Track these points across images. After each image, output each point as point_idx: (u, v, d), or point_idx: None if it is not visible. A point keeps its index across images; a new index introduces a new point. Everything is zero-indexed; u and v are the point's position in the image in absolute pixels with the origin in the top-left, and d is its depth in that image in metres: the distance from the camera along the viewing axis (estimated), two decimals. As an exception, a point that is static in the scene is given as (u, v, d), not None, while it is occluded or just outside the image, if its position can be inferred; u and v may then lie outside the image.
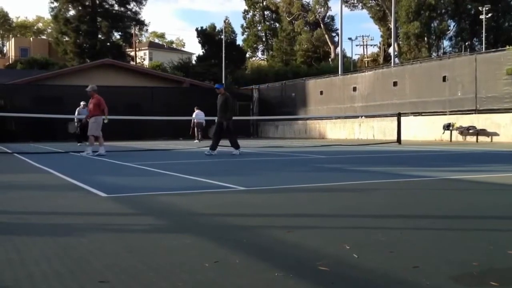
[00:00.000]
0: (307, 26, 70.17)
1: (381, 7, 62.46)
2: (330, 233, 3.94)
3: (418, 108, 25.89)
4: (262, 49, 79.39)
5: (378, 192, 6.37)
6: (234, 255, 3.22)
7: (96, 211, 5.14)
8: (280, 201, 5.71)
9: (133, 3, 61.25)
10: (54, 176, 8.80)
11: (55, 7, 59.04)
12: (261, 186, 7.06)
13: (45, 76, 37.06)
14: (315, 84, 33.67)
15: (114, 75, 36.69)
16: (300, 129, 33.78)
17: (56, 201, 5.92)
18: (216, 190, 6.59)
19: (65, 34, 58.73)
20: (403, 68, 29.74)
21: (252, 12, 76.82)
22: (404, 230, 4.01)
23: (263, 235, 3.89)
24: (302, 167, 10.50)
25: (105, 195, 6.11)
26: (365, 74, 31.15)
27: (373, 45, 74.38)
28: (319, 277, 2.78)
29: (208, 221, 4.55)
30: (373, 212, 4.92)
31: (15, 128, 29.42)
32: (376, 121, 27.91)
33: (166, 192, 6.40)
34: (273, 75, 50.37)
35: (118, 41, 61.64)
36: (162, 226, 4.38)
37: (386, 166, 10.60)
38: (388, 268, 2.92)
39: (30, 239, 3.83)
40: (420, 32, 56.41)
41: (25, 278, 2.82)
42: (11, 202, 5.89)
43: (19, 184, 7.88)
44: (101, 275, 2.82)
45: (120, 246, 3.53)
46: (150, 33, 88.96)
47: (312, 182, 7.53)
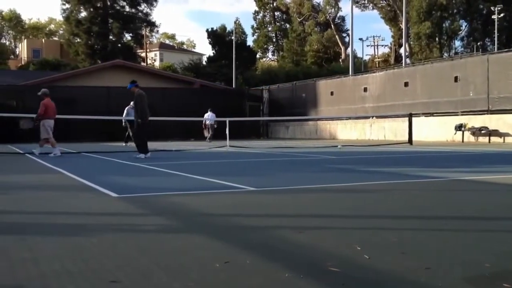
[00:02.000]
0: (318, 26, 70.05)
1: (392, 7, 62.22)
2: (341, 234, 3.92)
3: (429, 109, 25.76)
4: (273, 49, 79.41)
5: (389, 193, 6.34)
6: (245, 256, 3.22)
7: (107, 211, 5.16)
8: (291, 202, 5.70)
9: (144, 5, 61.53)
10: (66, 177, 8.84)
11: (67, 8, 59.47)
12: (271, 186, 7.06)
13: (57, 77, 37.27)
14: (325, 85, 33.59)
15: (125, 76, 36.76)
16: (311, 130, 33.72)
17: (68, 201, 5.95)
18: (226, 191, 6.59)
19: (76, 36, 59.09)
20: (414, 68, 29.61)
21: (262, 13, 76.88)
22: (416, 231, 3.98)
23: (274, 236, 3.88)
24: (313, 168, 10.48)
25: (116, 196, 6.13)
26: (376, 74, 31.04)
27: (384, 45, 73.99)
28: (329, 278, 2.77)
29: (219, 221, 4.56)
30: (384, 213, 4.90)
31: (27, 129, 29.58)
32: (387, 121, 27.80)
33: (177, 193, 6.41)
34: (284, 75, 50.33)
35: (129, 42, 61.92)
36: (173, 226, 4.38)
37: (397, 167, 10.56)
38: (399, 269, 2.91)
39: (42, 238, 3.85)
40: (431, 32, 56.14)
41: (37, 277, 2.84)
42: (23, 202, 5.93)
43: (31, 184, 7.93)
44: (112, 275, 2.83)
45: (131, 246, 3.54)
46: (161, 34, 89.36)
47: (323, 182, 7.51)
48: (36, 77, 37.51)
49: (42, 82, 34.83)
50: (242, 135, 30.92)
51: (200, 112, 28.10)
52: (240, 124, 31.38)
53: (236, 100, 37.17)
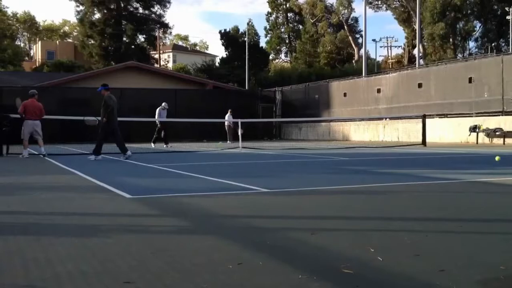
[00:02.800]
0: (331, 27, 69.88)
1: (405, 8, 61.91)
2: (354, 236, 3.91)
3: (443, 110, 25.60)
4: (286, 51, 79.31)
5: (403, 195, 6.31)
6: (258, 257, 3.22)
7: (121, 212, 5.18)
8: (304, 203, 5.69)
9: (157, 6, 61.81)
10: (80, 178, 8.90)
11: (81, 10, 59.94)
12: (284, 188, 7.05)
13: (71, 78, 37.54)
14: (338, 86, 33.51)
15: (139, 77, 37.01)
16: (324, 131, 33.65)
17: (82, 202, 5.99)
18: (239, 192, 6.59)
19: (90, 37, 59.51)
20: (428, 69, 29.43)
21: (275, 14, 76.79)
22: (429, 233, 3.96)
23: (287, 237, 3.88)
24: (326, 169, 10.46)
25: (130, 197, 6.16)
26: (390, 75, 30.91)
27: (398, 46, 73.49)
28: (343, 280, 2.76)
29: (232, 222, 4.56)
30: (398, 214, 4.88)
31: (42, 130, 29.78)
32: (400, 123, 27.66)
33: (190, 194, 6.42)
34: (297, 77, 50.26)
35: (142, 43, 62.24)
36: (186, 228, 4.40)
37: (411, 168, 10.50)
38: (413, 271, 2.89)
39: (56, 239, 3.88)
40: (445, 33, 55.77)
41: (51, 277, 2.86)
42: (38, 203, 5.98)
43: (45, 185, 7.99)
44: (126, 276, 2.85)
45: (144, 247, 3.56)
46: (174, 36, 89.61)
47: (336, 184, 7.49)
48: (50, 79, 37.80)
49: (56, 83, 35.15)
50: (255, 136, 30.95)
51: (213, 114, 28.16)
52: (253, 126, 31.41)
53: (249, 101, 37.19)
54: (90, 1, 58.01)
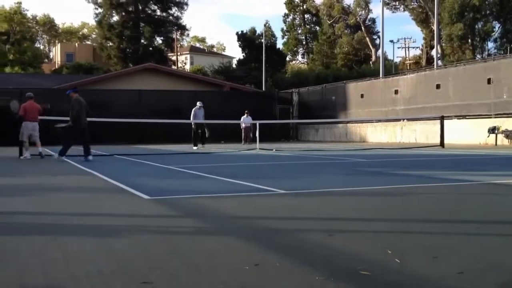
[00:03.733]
0: (348, 28, 69.61)
1: (423, 8, 61.45)
2: (371, 237, 3.89)
3: (462, 111, 25.35)
4: (303, 52, 79.18)
5: (421, 196, 6.27)
6: (275, 258, 3.22)
7: (139, 213, 5.21)
8: (321, 205, 5.68)
9: (175, 8, 62.13)
10: (98, 178, 8.97)
11: (100, 13, 60.44)
12: (301, 189, 7.04)
13: (90, 80, 37.88)
14: (355, 87, 33.37)
15: (156, 79, 37.21)
16: (341, 133, 33.53)
17: (100, 203, 6.04)
18: (256, 193, 6.60)
19: (109, 40, 59.97)
20: (446, 70, 29.18)
21: (292, 16, 76.67)
22: (448, 235, 3.93)
23: (304, 239, 3.87)
24: (343, 171, 10.42)
25: (148, 198, 6.20)
26: (407, 76, 30.70)
27: (415, 47, 72.98)
28: (360, 282, 2.75)
29: (249, 223, 4.56)
30: (416, 216, 4.85)
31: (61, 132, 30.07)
32: (418, 124, 27.46)
33: (208, 195, 6.44)
34: (314, 78, 50.13)
35: (160, 45, 62.56)
36: (204, 228, 4.41)
37: (429, 170, 10.42)
38: (431, 273, 2.87)
39: (74, 239, 3.92)
40: (463, 34, 55.25)
41: (69, 277, 2.89)
42: (57, 203, 6.04)
43: (64, 186, 8.06)
44: (143, 276, 2.86)
45: (162, 248, 3.58)
46: (191, 38, 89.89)
47: (353, 185, 7.46)
48: (69, 81, 38.12)
49: (75, 85, 35.37)
50: (272, 137, 30.92)
51: (229, 115, 28.19)
52: (270, 127, 31.38)
53: (266, 102, 37.18)
54: (109, 3, 58.49)
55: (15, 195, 6.76)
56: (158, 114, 31.31)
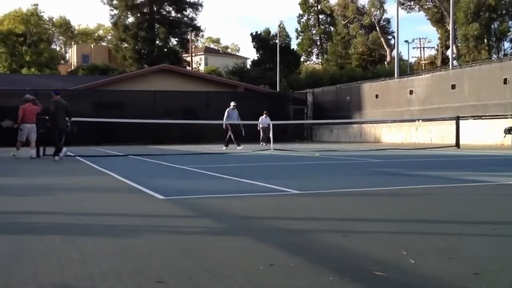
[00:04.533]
0: (363, 29, 69.33)
1: (438, 8, 61.03)
2: (386, 238, 3.88)
3: (477, 112, 25.14)
4: (317, 53, 78.99)
5: (436, 197, 6.23)
6: (289, 258, 3.22)
7: (153, 213, 5.24)
8: (335, 205, 5.67)
9: (190, 9, 62.26)
10: (114, 179, 9.03)
11: (115, 14, 60.77)
12: (315, 189, 7.03)
13: (106, 81, 38.12)
14: (370, 88, 33.23)
15: (171, 80, 37.35)
16: (355, 133, 33.40)
17: (115, 203, 6.08)
18: (270, 194, 6.60)
19: (124, 41, 60.29)
20: (462, 70, 28.96)
21: (306, 16, 76.54)
22: (463, 236, 3.90)
23: (318, 239, 3.87)
24: (357, 171, 10.39)
25: (162, 198, 6.23)
26: (422, 77, 30.52)
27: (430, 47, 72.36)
28: (375, 283, 2.74)
29: (263, 224, 4.57)
30: (430, 217, 4.82)
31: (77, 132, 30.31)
32: (433, 124, 27.28)
33: (221, 195, 6.45)
34: (328, 79, 50.01)
35: (175, 46, 62.76)
36: (218, 229, 4.42)
37: (444, 170, 10.35)
38: (446, 274, 2.86)
39: (90, 239, 3.95)
40: (479, 34, 54.79)
41: (85, 277, 2.91)
42: (73, 203, 6.09)
43: (80, 186, 8.13)
44: (158, 276, 2.88)
45: (176, 248, 3.60)
46: (205, 39, 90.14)
47: (368, 186, 7.43)
48: (85, 82, 38.43)
49: (91, 86, 35.70)
50: (286, 138, 30.91)
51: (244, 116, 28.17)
52: (284, 127, 31.37)
53: (280, 103, 37.16)
54: (124, 5, 58.82)
55: (33, 195, 6.83)
56: (173, 114, 31.46)
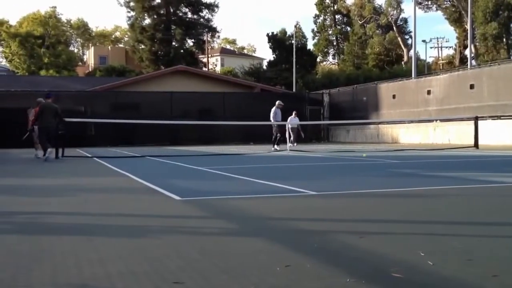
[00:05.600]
0: (379, 29, 69.02)
1: (456, 8, 60.54)
2: (403, 239, 3.85)
3: (497, 112, 24.88)
4: (333, 53, 78.80)
5: (454, 198, 6.17)
6: (306, 260, 3.21)
7: (170, 214, 5.26)
8: (352, 206, 5.64)
9: (206, 11, 62.48)
10: (131, 180, 9.08)
11: (132, 16, 61.21)
12: (332, 190, 7.01)
13: (122, 83, 38.38)
14: (387, 88, 33.05)
15: (187, 81, 37.50)
16: (372, 134, 33.24)
17: (133, 204, 6.11)
18: (286, 195, 6.59)
19: (141, 42, 60.67)
20: (480, 70, 28.69)
21: (323, 16, 76.38)
22: (482, 237, 3.86)
23: (335, 240, 3.85)
24: (374, 172, 10.33)
25: (179, 198, 6.25)
26: (440, 77, 30.28)
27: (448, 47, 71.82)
28: (392, 284, 2.72)
29: (279, 225, 4.57)
30: (449, 218, 4.78)
31: (95, 133, 30.60)
32: (452, 125, 27.06)
33: (238, 196, 6.46)
34: (344, 79, 49.86)
35: (191, 47, 63.01)
36: (234, 230, 4.43)
37: (463, 171, 10.26)
38: (465, 276, 2.83)
39: (108, 239, 3.98)
40: (498, 33, 54.24)
41: (103, 276, 2.93)
42: (91, 204, 6.14)
43: (98, 187, 8.19)
44: (175, 276, 2.89)
45: (193, 248, 3.60)
46: (222, 39, 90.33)
47: (385, 187, 7.39)
48: (102, 83, 38.75)
49: (108, 88, 36.00)
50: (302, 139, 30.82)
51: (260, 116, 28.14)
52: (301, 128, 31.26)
53: (296, 104, 37.06)
54: (141, 6, 59.20)
55: (51, 195, 6.89)
56: (189, 115, 31.60)
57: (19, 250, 3.63)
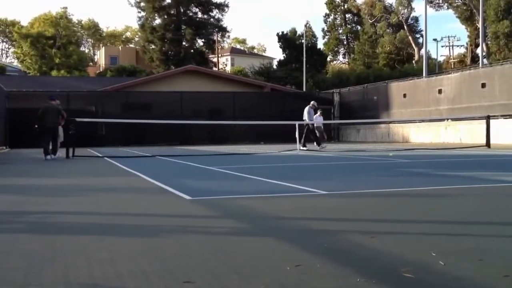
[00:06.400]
0: (390, 28, 68.72)
1: (468, 6, 60.18)
2: (414, 239, 3.83)
3: (508, 110, 24.69)
4: (343, 52, 78.59)
5: (466, 198, 6.14)
6: (316, 259, 3.21)
7: (181, 214, 5.27)
8: (362, 206, 5.63)
9: (216, 11, 62.50)
10: (141, 179, 9.11)
11: (142, 16, 61.38)
12: (343, 190, 6.99)
13: (133, 83, 38.49)
14: (398, 87, 32.91)
15: (198, 81, 37.55)
16: (383, 133, 33.12)
17: (143, 203, 6.13)
18: (297, 194, 6.59)
19: (151, 42, 60.83)
20: (492, 69, 28.49)
21: (333, 16, 76.21)
22: (494, 237, 3.84)
23: (346, 240, 3.84)
24: (385, 172, 10.29)
25: (190, 198, 6.26)
26: (451, 75, 30.11)
27: (460, 45, 71.55)
28: (403, 285, 2.71)
29: (290, 224, 4.56)
30: (460, 218, 4.75)
31: (106, 133, 30.74)
32: (463, 124, 26.89)
33: (248, 196, 6.46)
34: (355, 78, 49.69)
35: (201, 47, 63.08)
36: (244, 229, 4.43)
37: (474, 171, 10.19)
38: (477, 276, 2.81)
39: (119, 239, 3.99)
40: (510, 31, 53.79)
41: (114, 276, 2.94)
42: (102, 203, 6.16)
43: (109, 186, 8.23)
44: (185, 276, 2.89)
45: (203, 248, 3.61)
46: (232, 39, 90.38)
47: (396, 186, 7.36)
48: (113, 83, 38.88)
49: (119, 88, 36.11)
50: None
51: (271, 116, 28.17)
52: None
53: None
54: (151, 7, 59.36)
55: (62, 195, 6.93)
56: (199, 115, 31.64)
57: (31, 250, 3.66)
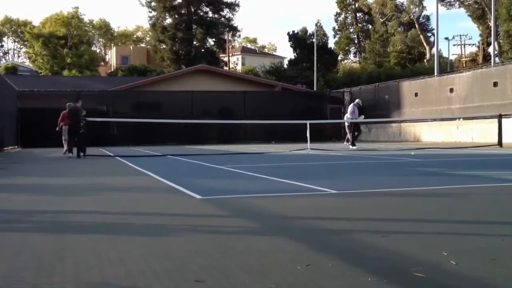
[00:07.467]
0: (401, 26, 68.38)
1: (479, 5, 59.74)
2: (426, 239, 3.81)
3: (521, 109, 24.50)
4: (354, 51, 78.30)
5: (477, 197, 6.09)
6: (327, 259, 3.20)
7: (191, 213, 5.28)
8: (374, 205, 5.60)
9: (227, 10, 62.58)
10: (152, 179, 9.13)
11: (153, 16, 61.57)
12: (353, 189, 6.97)
13: (144, 82, 38.62)
14: (409, 86, 32.76)
15: (208, 80, 37.59)
16: (394, 132, 32.98)
17: (154, 203, 6.15)
18: (308, 193, 6.57)
19: (162, 42, 61.00)
20: (504, 67, 28.27)
21: (344, 15, 75.95)
22: (506, 236, 3.81)
23: (356, 239, 3.83)
24: (396, 171, 10.25)
25: (200, 197, 6.27)
26: (463, 74, 29.92)
27: (471, 44, 70.95)
28: (415, 284, 2.70)
29: (300, 224, 4.55)
30: (472, 217, 4.72)
31: (117, 133, 30.85)
32: (475, 123, 26.72)
33: (259, 195, 6.46)
34: (366, 77, 49.51)
35: (212, 47, 63.18)
36: (255, 228, 4.42)
37: (486, 170, 10.12)
38: (489, 276, 2.79)
39: (129, 238, 4.00)
40: (522, 30, 53.38)
41: (124, 275, 2.95)
42: (112, 203, 6.19)
43: (119, 186, 8.26)
44: (195, 275, 2.89)
45: (214, 247, 3.61)
46: (242, 39, 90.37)
47: (407, 186, 7.32)
48: (124, 83, 39.03)
49: (130, 87, 36.24)
50: (323, 137, 30.73)
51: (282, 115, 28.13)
52: (321, 127, 31.18)
53: (317, 102, 37.01)
54: (162, 6, 59.52)
55: (73, 194, 6.97)
56: (210, 114, 31.69)
57: (42, 249, 3.67)
